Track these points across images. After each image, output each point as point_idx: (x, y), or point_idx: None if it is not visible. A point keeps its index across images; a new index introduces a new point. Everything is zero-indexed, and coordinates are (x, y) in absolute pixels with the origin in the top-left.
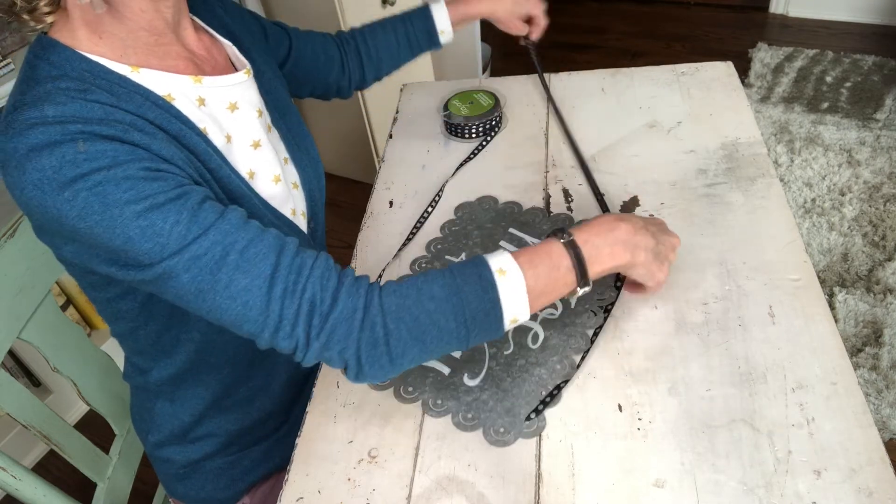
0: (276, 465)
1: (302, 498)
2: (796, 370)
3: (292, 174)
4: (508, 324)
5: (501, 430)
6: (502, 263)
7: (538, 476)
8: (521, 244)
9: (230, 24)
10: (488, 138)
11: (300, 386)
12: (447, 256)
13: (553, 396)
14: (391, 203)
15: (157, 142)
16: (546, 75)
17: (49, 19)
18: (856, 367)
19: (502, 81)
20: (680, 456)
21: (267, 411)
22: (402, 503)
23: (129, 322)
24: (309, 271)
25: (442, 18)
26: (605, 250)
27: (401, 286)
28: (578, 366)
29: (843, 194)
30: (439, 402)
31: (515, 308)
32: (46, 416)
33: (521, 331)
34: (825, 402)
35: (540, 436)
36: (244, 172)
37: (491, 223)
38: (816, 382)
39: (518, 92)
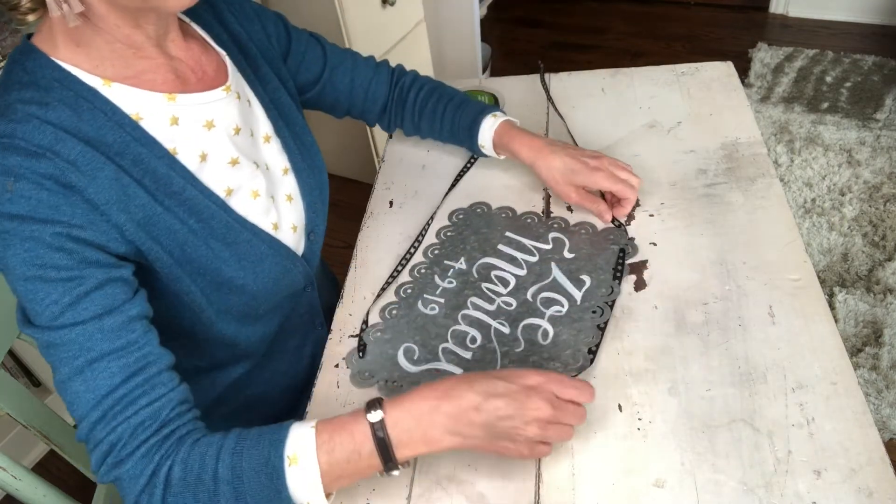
0: None
1: None
2: (796, 370)
3: (289, 186)
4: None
5: None
6: (296, 447)
7: (538, 476)
8: (519, 247)
9: (238, 31)
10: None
11: (299, 394)
12: (446, 262)
13: (592, 358)
14: (391, 203)
15: (95, 183)
16: (546, 75)
17: (30, 18)
18: (856, 367)
19: (502, 81)
20: (680, 456)
21: (266, 419)
22: (402, 503)
23: None
24: (131, 415)
25: (485, 135)
26: (417, 435)
27: (192, 458)
28: (592, 359)
29: (843, 194)
30: None
31: (307, 494)
32: (46, 416)
33: (529, 329)
34: (825, 402)
35: None
36: (220, 190)
37: (487, 228)
38: (816, 382)
39: (518, 92)
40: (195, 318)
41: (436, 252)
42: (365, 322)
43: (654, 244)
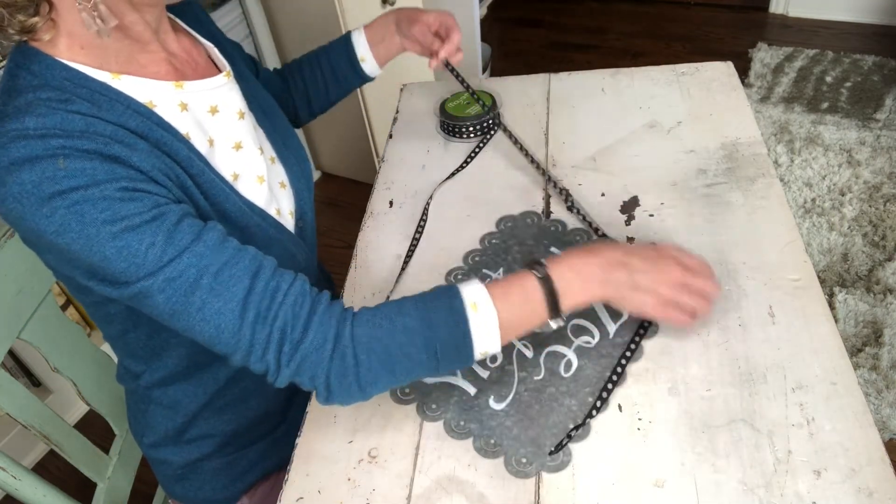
0: (275, 464)
1: (302, 498)
2: (796, 370)
3: (279, 173)
4: (479, 355)
5: (524, 460)
6: (475, 296)
7: (538, 476)
8: None
9: (215, 31)
10: (481, 144)
11: (295, 387)
12: (484, 270)
13: (579, 429)
14: (391, 203)
15: (137, 153)
16: (546, 76)
17: (47, 38)
18: (856, 367)
19: (502, 81)
20: (680, 456)
21: (262, 411)
22: (402, 503)
23: (118, 325)
24: (282, 297)
25: (361, 45)
26: (577, 285)
27: (374, 316)
28: (600, 398)
29: (843, 194)
30: (462, 423)
31: (486, 341)
32: (46, 416)
33: (553, 357)
34: (825, 402)
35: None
36: (228, 175)
37: (532, 240)
38: (816, 382)
39: (518, 92)
40: None
41: (476, 259)
42: None
43: (654, 244)
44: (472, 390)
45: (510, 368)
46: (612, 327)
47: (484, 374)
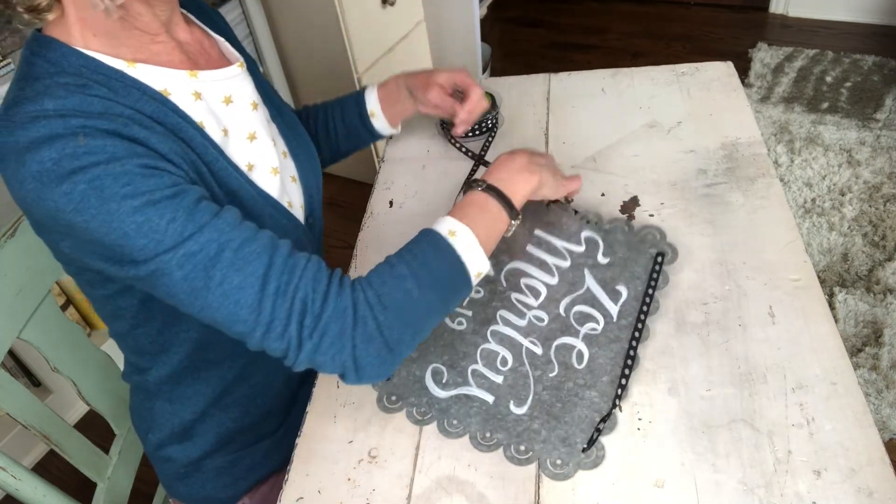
0: (277, 465)
1: (302, 498)
2: (796, 370)
3: (290, 168)
4: (475, 278)
5: (559, 461)
6: (449, 226)
7: (538, 476)
8: (550, 249)
9: (224, 27)
10: (486, 145)
11: (299, 384)
12: None
13: (606, 421)
14: (391, 203)
15: (155, 136)
16: (546, 76)
17: (50, 17)
18: (856, 367)
19: (502, 81)
20: (680, 456)
21: (267, 409)
22: (402, 503)
23: (128, 320)
24: (301, 271)
25: (372, 100)
26: (518, 179)
27: (375, 277)
28: (620, 386)
29: (843, 194)
30: (488, 434)
31: (476, 262)
32: (46, 416)
33: (563, 350)
34: (825, 402)
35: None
36: (243, 165)
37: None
38: (816, 382)
39: (518, 92)
40: None
41: None
42: None
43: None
44: (490, 398)
45: (523, 369)
46: (614, 309)
47: (498, 378)
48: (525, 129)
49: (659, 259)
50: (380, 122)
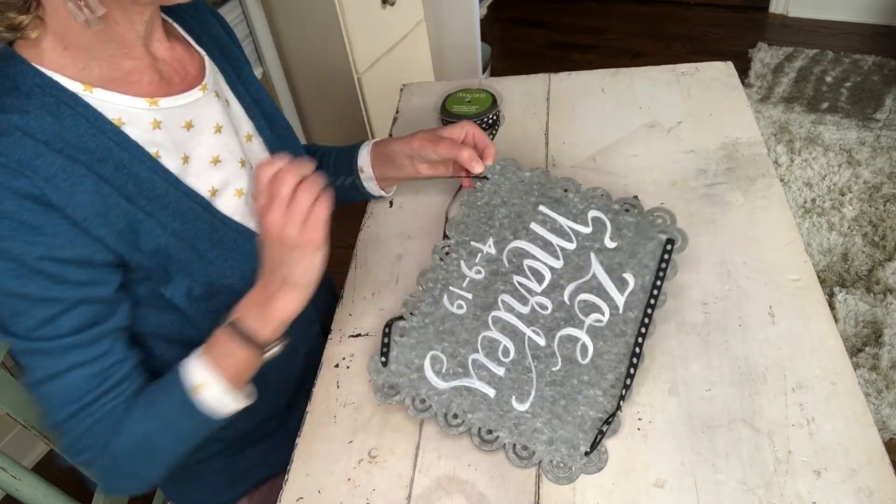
0: (274, 468)
1: (302, 498)
2: (796, 370)
3: None
4: (227, 412)
5: (561, 464)
6: (195, 378)
7: (538, 476)
8: (554, 228)
9: (219, 32)
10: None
11: (295, 390)
12: (473, 243)
13: (610, 422)
14: (391, 203)
15: (74, 199)
16: (546, 76)
17: (33, 35)
18: (856, 367)
19: (502, 81)
20: (680, 456)
21: (262, 414)
22: (402, 503)
23: None
24: (100, 406)
25: (363, 156)
26: (269, 309)
27: (125, 429)
28: (625, 386)
29: (843, 194)
30: (490, 431)
31: (228, 402)
32: None
33: (567, 343)
34: (825, 402)
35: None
36: (205, 191)
37: (518, 198)
38: (816, 382)
39: (518, 92)
40: (184, 322)
41: (461, 227)
42: (388, 325)
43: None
44: (491, 392)
45: (525, 362)
46: (620, 300)
47: (499, 370)
48: (525, 128)
49: (668, 247)
50: (367, 176)
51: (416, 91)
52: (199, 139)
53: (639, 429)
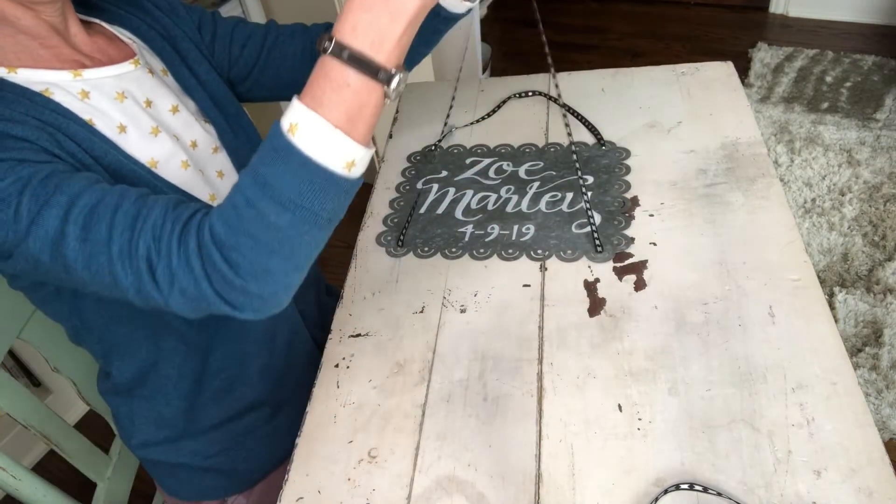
0: (272, 463)
1: (302, 498)
2: (796, 370)
3: (219, 163)
4: (346, 170)
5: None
6: (291, 118)
7: (538, 476)
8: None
9: (166, 22)
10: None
11: (280, 374)
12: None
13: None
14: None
15: (18, 127)
16: (546, 75)
17: None
18: (856, 367)
19: (502, 81)
20: (680, 456)
21: (248, 401)
22: (402, 503)
23: (70, 325)
24: (142, 225)
25: None
26: (384, 18)
27: (223, 209)
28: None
29: (843, 194)
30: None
31: (335, 152)
32: (46, 416)
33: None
34: (825, 402)
35: (539, 436)
36: (144, 160)
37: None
38: (816, 382)
39: (518, 92)
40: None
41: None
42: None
43: (654, 244)
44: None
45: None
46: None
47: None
48: (525, 128)
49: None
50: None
51: (415, 91)
52: (133, 110)
53: (639, 429)
